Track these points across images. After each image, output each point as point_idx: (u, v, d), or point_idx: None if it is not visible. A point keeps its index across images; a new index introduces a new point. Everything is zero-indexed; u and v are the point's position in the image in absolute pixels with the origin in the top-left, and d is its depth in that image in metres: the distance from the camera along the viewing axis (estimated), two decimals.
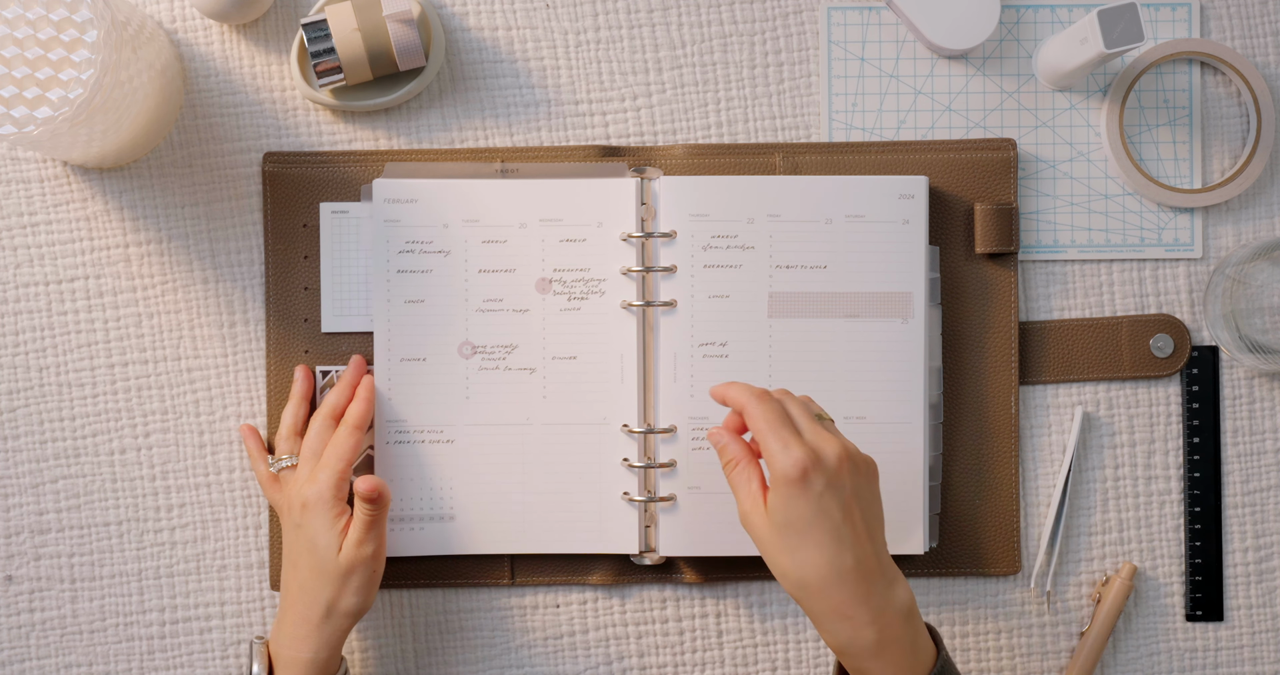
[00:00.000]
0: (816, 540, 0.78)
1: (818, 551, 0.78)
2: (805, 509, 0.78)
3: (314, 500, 0.88)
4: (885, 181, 0.95)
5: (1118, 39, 0.90)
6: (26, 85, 0.83)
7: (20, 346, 0.97)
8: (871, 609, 0.79)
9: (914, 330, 0.95)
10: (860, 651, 0.79)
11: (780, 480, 0.78)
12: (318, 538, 0.88)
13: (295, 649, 0.88)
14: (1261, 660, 0.99)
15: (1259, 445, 0.99)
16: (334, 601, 0.88)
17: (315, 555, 0.88)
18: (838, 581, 0.78)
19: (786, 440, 0.79)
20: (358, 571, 0.88)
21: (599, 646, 0.98)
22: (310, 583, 0.88)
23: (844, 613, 0.78)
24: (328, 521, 0.88)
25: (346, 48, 0.93)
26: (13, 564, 0.97)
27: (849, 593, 0.78)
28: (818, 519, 0.78)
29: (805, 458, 0.78)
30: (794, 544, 0.78)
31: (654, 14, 0.99)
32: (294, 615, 0.89)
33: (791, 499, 0.78)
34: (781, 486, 0.78)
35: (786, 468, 0.78)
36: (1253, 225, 1.00)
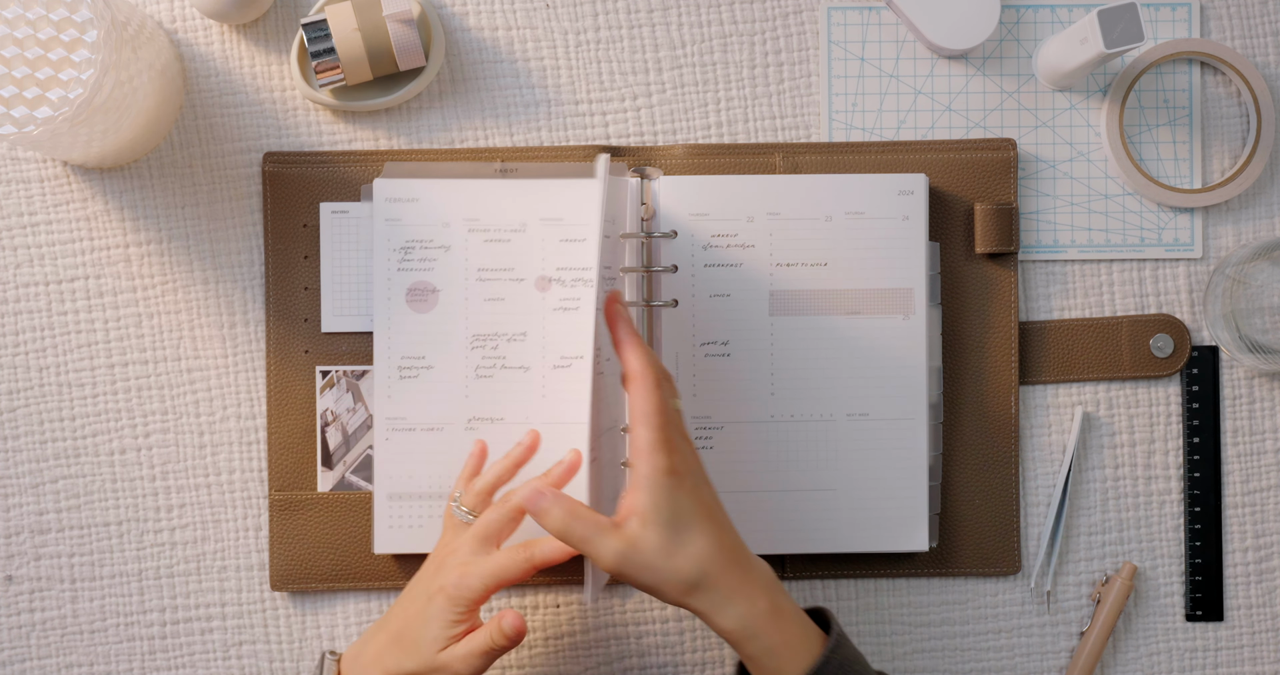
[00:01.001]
0: (702, 527, 0.79)
1: (706, 537, 0.79)
2: (685, 500, 0.79)
3: (453, 595, 0.84)
4: (885, 179, 0.95)
5: (1118, 39, 0.90)
6: (26, 85, 0.83)
7: (20, 346, 0.97)
8: (757, 580, 0.80)
9: (915, 326, 0.95)
10: (761, 626, 0.79)
11: (660, 477, 0.78)
12: (430, 624, 0.84)
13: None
14: (1261, 660, 0.99)
15: (1259, 445, 0.99)
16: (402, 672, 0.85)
17: (420, 632, 0.84)
18: (729, 561, 0.79)
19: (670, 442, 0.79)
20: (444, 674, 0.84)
21: (599, 646, 0.98)
22: (406, 646, 0.85)
23: (736, 589, 0.79)
24: (447, 619, 0.84)
25: (346, 48, 0.93)
26: (13, 564, 0.97)
27: (739, 569, 0.79)
28: (698, 507, 0.79)
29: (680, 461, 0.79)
30: (684, 537, 0.78)
31: (654, 14, 0.99)
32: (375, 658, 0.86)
33: (672, 492, 0.78)
34: (660, 482, 0.78)
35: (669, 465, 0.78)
36: (1253, 225, 1.00)
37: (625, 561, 0.78)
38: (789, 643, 0.79)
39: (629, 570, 0.78)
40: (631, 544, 0.78)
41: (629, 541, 0.78)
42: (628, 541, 0.78)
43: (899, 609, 0.99)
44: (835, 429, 0.95)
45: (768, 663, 0.79)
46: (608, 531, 0.78)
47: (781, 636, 0.79)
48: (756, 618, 0.79)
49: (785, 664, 0.79)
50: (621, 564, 0.78)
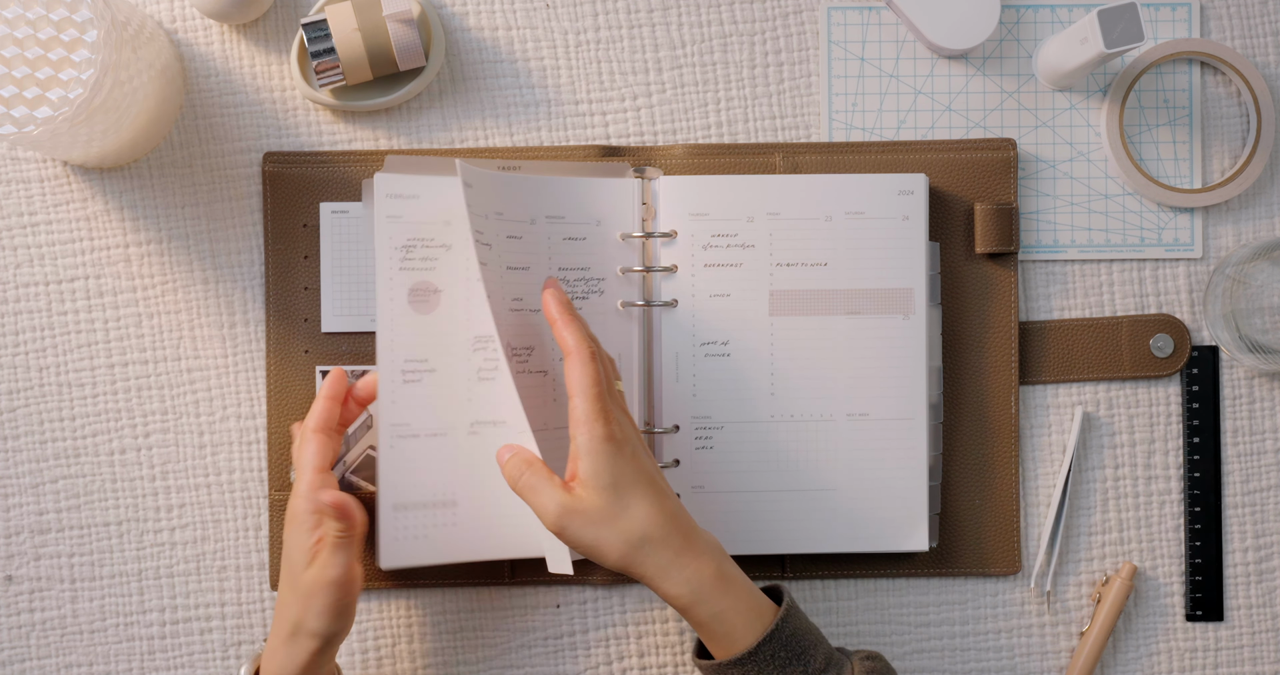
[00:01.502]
0: (643, 492, 0.80)
1: (648, 502, 0.80)
2: (625, 466, 0.80)
3: (290, 512, 0.87)
4: (884, 178, 0.95)
5: (1118, 39, 0.90)
6: (26, 85, 0.83)
7: (20, 346, 0.97)
8: (700, 544, 0.81)
9: (915, 326, 0.95)
10: (709, 590, 0.80)
11: (598, 444, 0.80)
12: (291, 551, 0.86)
13: (270, 662, 0.86)
14: (1261, 660, 0.99)
15: (1259, 445, 0.99)
16: (300, 620, 0.85)
17: (289, 569, 0.86)
18: (671, 524, 0.80)
19: (606, 411, 0.81)
20: (321, 593, 0.85)
21: (599, 646, 0.98)
22: (284, 597, 0.87)
23: (684, 554, 0.80)
24: (300, 534, 0.86)
25: (346, 48, 0.93)
26: (13, 564, 0.97)
27: (681, 534, 0.81)
28: (639, 474, 0.81)
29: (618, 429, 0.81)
30: (625, 502, 0.80)
31: (654, 14, 0.99)
32: (273, 628, 0.87)
33: (612, 458, 0.80)
34: (599, 448, 0.80)
35: (607, 432, 0.80)
36: (1253, 225, 1.00)
37: (566, 516, 0.79)
38: (738, 609, 0.81)
39: (570, 526, 0.80)
40: (575, 501, 0.80)
41: (574, 498, 0.80)
42: (573, 498, 0.80)
43: (899, 609, 0.99)
44: (835, 429, 0.95)
45: (718, 628, 0.81)
46: (556, 486, 0.80)
47: (730, 601, 0.81)
48: (703, 582, 0.80)
49: (736, 630, 0.80)
50: (562, 518, 0.79)
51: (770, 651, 0.80)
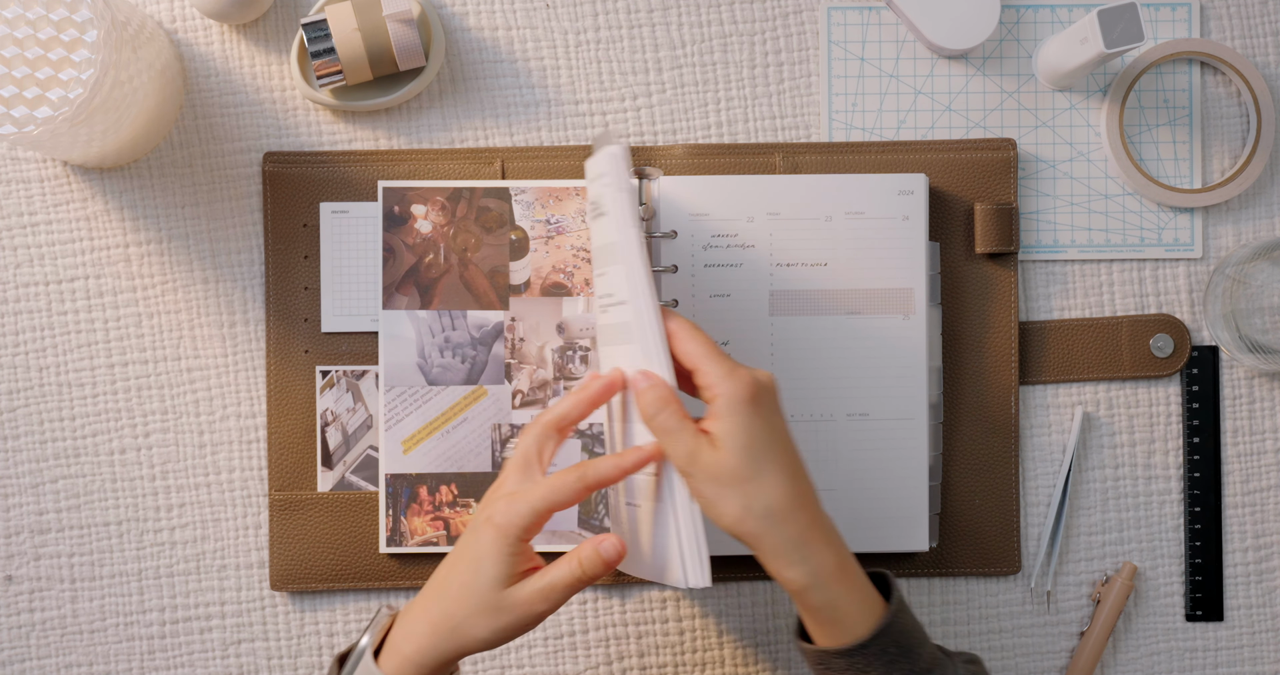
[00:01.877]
0: (777, 461, 0.77)
1: (781, 473, 0.77)
2: (762, 429, 0.77)
3: (503, 524, 0.79)
4: (884, 178, 0.95)
5: (1118, 39, 0.90)
6: (26, 85, 0.83)
7: (20, 346, 0.97)
8: (824, 530, 0.78)
9: (915, 326, 0.95)
10: (827, 578, 0.77)
11: (734, 402, 0.76)
12: (484, 561, 0.79)
13: (406, 642, 0.80)
14: (1261, 660, 0.99)
15: (1259, 445, 0.99)
16: (468, 623, 0.79)
17: (475, 575, 0.79)
18: (800, 503, 0.77)
19: (731, 365, 0.78)
20: (515, 615, 0.79)
21: (599, 646, 0.98)
22: (455, 599, 0.80)
23: (806, 537, 0.77)
24: (503, 551, 0.79)
25: (346, 48, 0.93)
26: (13, 564, 0.97)
27: (810, 514, 0.77)
28: (775, 440, 0.77)
29: (752, 380, 0.77)
30: (758, 468, 0.76)
31: (654, 14, 0.99)
32: (421, 610, 0.81)
33: (750, 418, 0.76)
34: (739, 408, 0.76)
35: (738, 389, 0.76)
36: (1253, 225, 1.00)
37: (694, 464, 0.76)
38: (853, 600, 0.78)
39: (697, 475, 0.76)
40: (707, 454, 0.76)
41: (707, 450, 0.76)
42: (707, 450, 0.76)
43: None
44: (835, 429, 0.95)
45: (828, 616, 0.78)
46: (691, 433, 0.77)
47: (846, 592, 0.78)
48: (823, 570, 0.77)
49: (847, 620, 0.78)
50: (690, 465, 0.76)
51: (880, 646, 0.78)
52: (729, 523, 0.77)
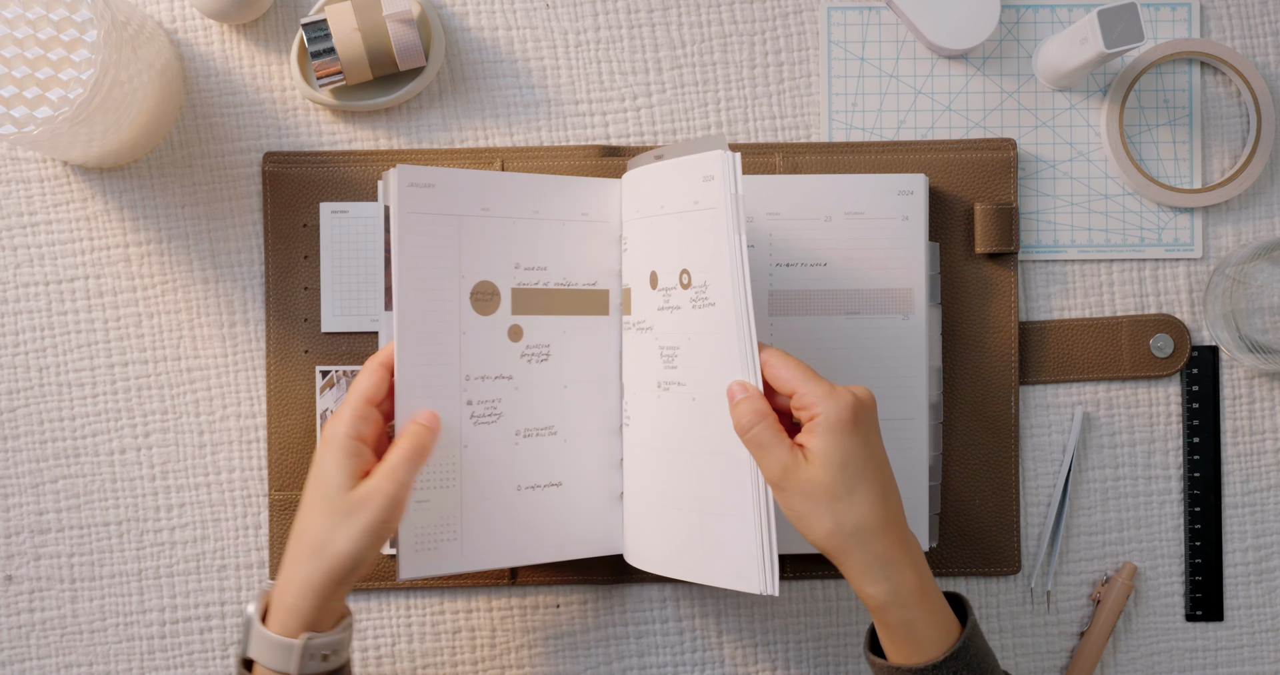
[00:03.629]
0: (872, 481, 0.78)
1: (873, 492, 0.78)
2: (859, 450, 0.78)
3: (329, 435, 0.82)
4: (884, 179, 0.95)
5: (1118, 39, 0.90)
6: (26, 85, 0.83)
7: (20, 346, 0.97)
8: (910, 551, 0.79)
9: (915, 326, 0.95)
10: (908, 598, 0.79)
11: (833, 423, 0.78)
12: (326, 473, 0.81)
13: (282, 588, 0.82)
14: (1261, 660, 0.99)
15: (1259, 445, 0.99)
16: (327, 539, 0.80)
17: (321, 490, 0.81)
18: (890, 523, 0.78)
19: (830, 385, 0.79)
20: (367, 510, 0.80)
21: (599, 646, 0.98)
22: (309, 518, 0.81)
23: (892, 557, 0.78)
24: (339, 456, 0.81)
25: (346, 48, 0.93)
26: (13, 564, 0.97)
27: (897, 534, 0.79)
28: (871, 459, 0.79)
29: (853, 398, 0.79)
30: (851, 487, 0.77)
31: (654, 14, 0.99)
32: (288, 555, 0.82)
33: (848, 438, 0.78)
34: (839, 428, 0.78)
35: (840, 409, 0.78)
36: (1253, 225, 1.00)
37: (788, 479, 0.78)
38: (930, 621, 0.79)
39: (789, 490, 0.78)
40: (802, 470, 0.78)
41: (802, 467, 0.78)
42: (801, 466, 0.78)
43: None
44: None
45: (905, 635, 0.79)
46: (786, 448, 0.78)
47: (925, 613, 0.79)
48: (904, 589, 0.78)
49: (923, 640, 0.79)
50: (784, 479, 0.78)
51: (952, 669, 0.79)
52: (818, 537, 0.78)
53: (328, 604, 0.81)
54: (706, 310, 0.84)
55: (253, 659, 0.82)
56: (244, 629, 0.82)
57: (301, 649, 0.80)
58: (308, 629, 0.81)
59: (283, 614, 0.81)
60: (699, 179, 0.85)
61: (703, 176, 0.84)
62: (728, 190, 0.82)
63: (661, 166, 0.88)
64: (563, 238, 0.93)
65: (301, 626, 0.81)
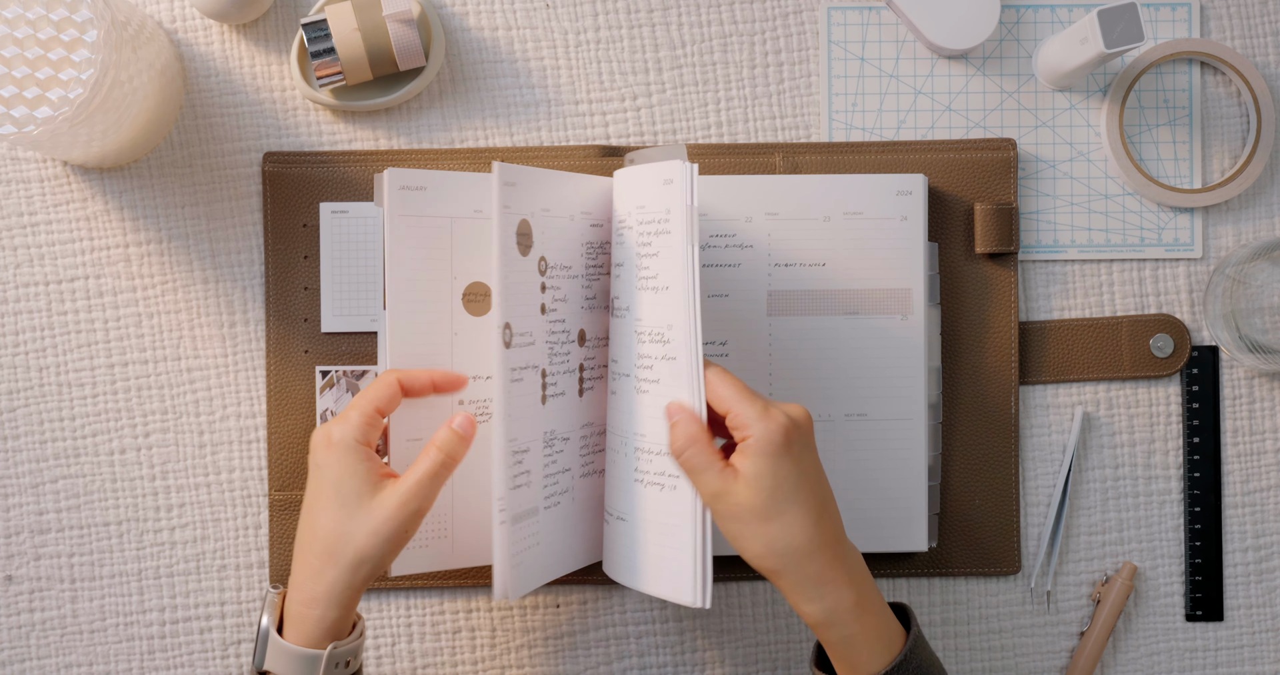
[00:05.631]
0: (803, 502, 0.78)
1: (805, 513, 0.77)
2: (790, 472, 0.77)
3: (338, 440, 0.80)
4: (883, 179, 0.95)
5: (1118, 39, 0.90)
6: (26, 85, 0.83)
7: (20, 346, 0.97)
8: (847, 568, 0.79)
9: (914, 326, 0.95)
10: (844, 616, 0.79)
11: (767, 445, 0.77)
12: (342, 479, 0.80)
13: (301, 602, 0.81)
14: (1261, 660, 0.99)
15: (1259, 445, 0.99)
16: (349, 545, 0.80)
17: (338, 498, 0.80)
18: (822, 543, 0.78)
19: (764, 405, 0.78)
20: (393, 522, 0.79)
21: (599, 646, 0.98)
22: (327, 527, 0.80)
23: (825, 576, 0.78)
24: (353, 462, 0.80)
25: (346, 48, 0.93)
26: (13, 564, 0.97)
27: (831, 554, 0.78)
28: (803, 481, 0.78)
29: (786, 420, 0.78)
30: (782, 509, 0.77)
31: (654, 14, 0.99)
32: (301, 563, 0.81)
33: (778, 461, 0.77)
34: (769, 451, 0.77)
35: (771, 431, 0.77)
36: (1253, 225, 1.00)
37: (719, 502, 0.78)
38: (868, 638, 0.79)
39: (721, 513, 0.78)
40: (733, 493, 0.77)
41: (732, 491, 0.77)
42: (732, 489, 0.77)
43: None
44: (834, 429, 0.95)
45: (844, 652, 0.80)
46: (718, 471, 0.78)
47: (862, 630, 0.79)
48: (840, 607, 0.78)
49: (862, 656, 0.79)
50: (715, 502, 0.78)
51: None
52: (750, 558, 0.78)
53: (350, 612, 0.82)
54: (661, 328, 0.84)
55: (269, 671, 0.82)
56: (260, 642, 0.82)
57: (327, 659, 0.81)
58: (332, 639, 0.81)
59: (306, 626, 0.81)
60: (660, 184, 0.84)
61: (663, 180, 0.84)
62: (683, 201, 0.82)
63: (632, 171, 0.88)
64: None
65: (327, 637, 0.81)
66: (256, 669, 0.82)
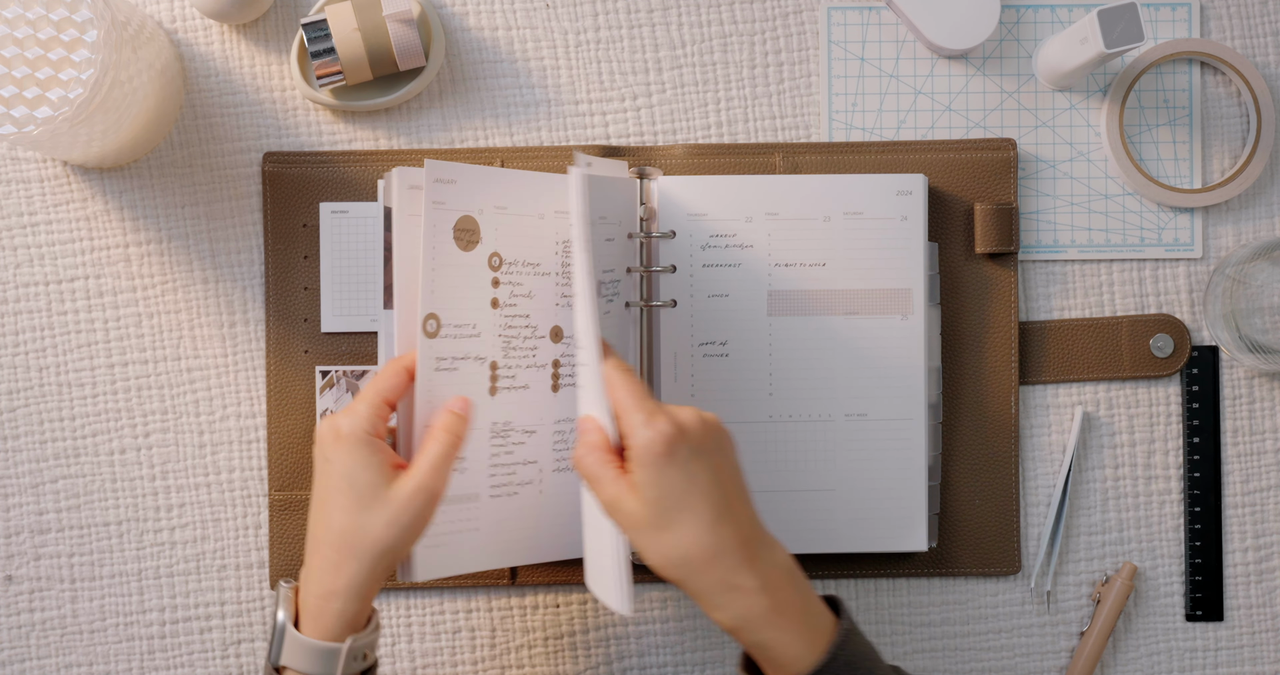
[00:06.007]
0: (694, 510, 0.75)
1: (696, 522, 0.75)
2: (677, 479, 0.75)
3: (347, 432, 0.80)
4: (883, 179, 0.95)
5: (1118, 39, 0.90)
6: (26, 85, 0.83)
7: (20, 346, 0.97)
8: (758, 574, 0.76)
9: (914, 327, 0.95)
10: (755, 622, 0.76)
11: (647, 454, 0.75)
12: (355, 471, 0.79)
13: (319, 595, 0.80)
14: (1261, 660, 0.99)
15: (1259, 445, 0.99)
16: (368, 536, 0.79)
17: (353, 490, 0.79)
18: (721, 551, 0.75)
19: (651, 411, 0.77)
20: (413, 508, 0.79)
21: (599, 646, 0.98)
22: (342, 519, 0.80)
23: (731, 583, 0.76)
24: (365, 454, 0.79)
25: (346, 48, 0.93)
26: (13, 564, 0.97)
27: (734, 560, 0.76)
28: (691, 488, 0.76)
29: (670, 427, 0.76)
30: (671, 519, 0.75)
31: (654, 14, 0.99)
32: (317, 558, 0.81)
33: (662, 471, 0.75)
34: (649, 460, 0.75)
35: (653, 439, 0.75)
36: (1253, 225, 1.00)
37: (617, 512, 0.77)
38: (788, 640, 0.76)
39: (620, 522, 0.77)
40: (625, 502, 0.76)
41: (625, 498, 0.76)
42: (624, 497, 0.76)
43: (899, 609, 0.99)
44: (834, 429, 0.95)
45: (763, 656, 0.77)
46: (613, 479, 0.76)
47: (779, 634, 0.76)
48: (751, 615, 0.76)
49: (785, 659, 0.76)
50: (613, 512, 0.77)
51: None
52: (651, 567, 0.77)
53: (368, 604, 0.81)
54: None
55: (285, 666, 0.81)
56: (276, 637, 0.81)
57: (347, 652, 0.80)
58: (350, 632, 0.81)
59: (325, 619, 0.80)
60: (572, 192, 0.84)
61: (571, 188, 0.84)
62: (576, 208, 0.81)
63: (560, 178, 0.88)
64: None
65: (345, 630, 0.80)
66: (273, 665, 0.81)
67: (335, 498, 0.80)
